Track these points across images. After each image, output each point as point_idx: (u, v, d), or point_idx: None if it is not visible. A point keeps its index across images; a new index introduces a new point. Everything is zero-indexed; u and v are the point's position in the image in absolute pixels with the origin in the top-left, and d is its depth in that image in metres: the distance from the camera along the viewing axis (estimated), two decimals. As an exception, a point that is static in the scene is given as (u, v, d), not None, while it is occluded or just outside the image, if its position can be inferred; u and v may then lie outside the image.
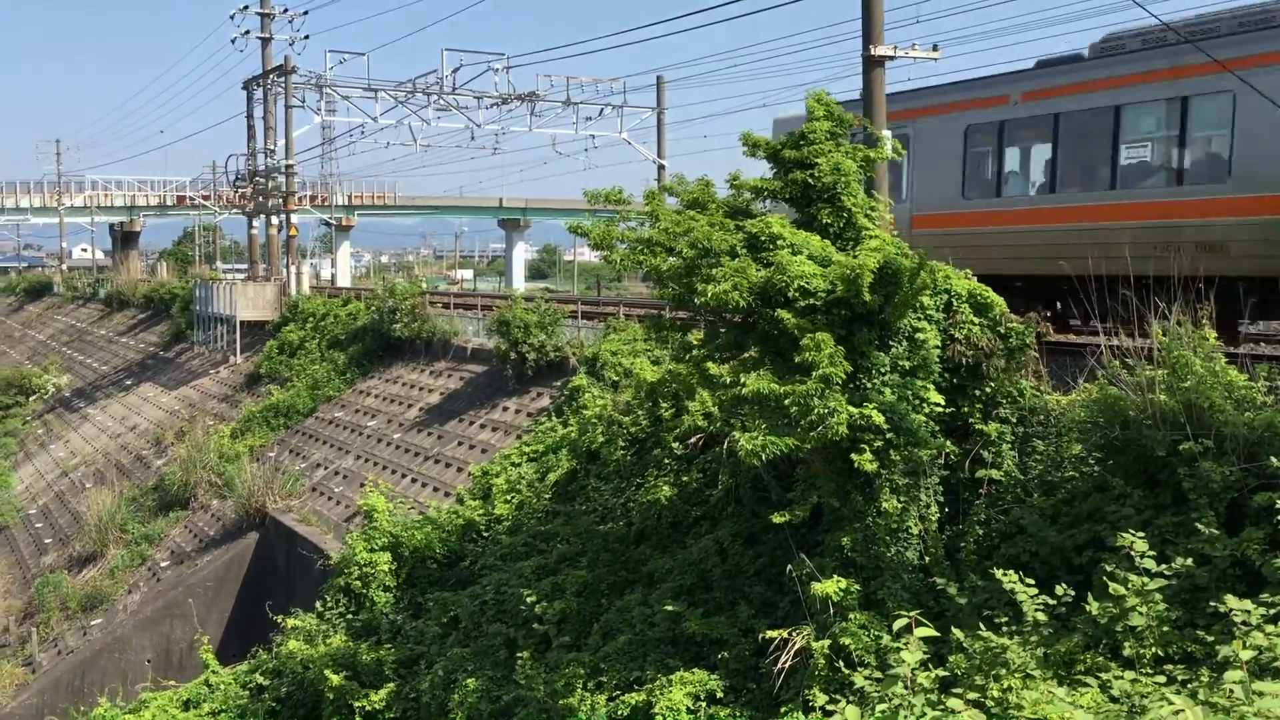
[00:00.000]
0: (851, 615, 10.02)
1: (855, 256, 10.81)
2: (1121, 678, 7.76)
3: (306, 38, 41.16)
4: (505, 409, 22.49)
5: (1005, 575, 8.83)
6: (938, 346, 11.20)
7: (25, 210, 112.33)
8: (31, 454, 41.28)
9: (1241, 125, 14.19)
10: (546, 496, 17.36)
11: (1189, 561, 8.67)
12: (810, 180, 11.80)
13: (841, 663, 9.63)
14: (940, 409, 10.95)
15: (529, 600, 13.71)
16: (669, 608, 12.09)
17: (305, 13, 40.81)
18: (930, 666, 8.23)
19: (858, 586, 10.32)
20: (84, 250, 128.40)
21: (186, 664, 21.02)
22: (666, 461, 15.42)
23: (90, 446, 37.70)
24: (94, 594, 24.46)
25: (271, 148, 40.76)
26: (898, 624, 7.77)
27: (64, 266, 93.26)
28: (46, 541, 30.55)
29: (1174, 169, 15.36)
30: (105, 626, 22.86)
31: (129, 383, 43.86)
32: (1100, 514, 9.96)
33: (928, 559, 10.92)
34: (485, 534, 17.20)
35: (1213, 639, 7.97)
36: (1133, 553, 8.59)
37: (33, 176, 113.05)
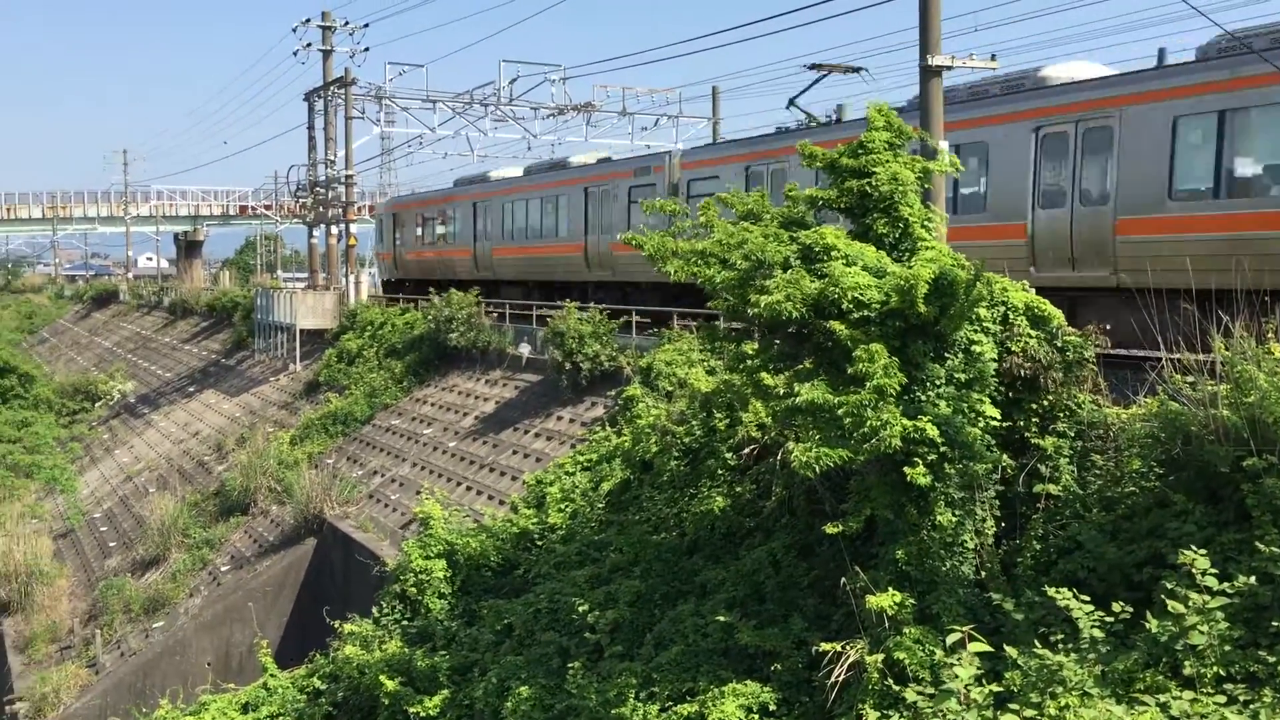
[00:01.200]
0: (906, 629, 9.96)
1: (910, 267, 10.76)
2: (1181, 698, 7.66)
3: (366, 50, 41.82)
4: (559, 418, 22.60)
5: (1059, 592, 8.73)
6: (994, 359, 11.11)
7: (93, 220, 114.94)
8: (97, 459, 42.13)
9: None
10: (600, 506, 17.42)
11: (1251, 580, 8.52)
12: (867, 190, 11.77)
13: (894, 678, 9.57)
14: (996, 422, 10.85)
15: (581, 609, 13.75)
16: (722, 619, 12.08)
17: (366, 25, 41.49)
18: (985, 682, 8.17)
19: (912, 600, 10.25)
20: (149, 259, 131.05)
21: (246, 667, 21.33)
22: (720, 472, 15.41)
23: (154, 452, 38.42)
24: (156, 597, 24.89)
25: (332, 158, 41.36)
26: (951, 638, 7.72)
27: (130, 275, 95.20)
28: (111, 545, 31.15)
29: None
30: (167, 629, 23.26)
31: (192, 389, 44.66)
32: (1161, 530, 9.81)
33: (983, 574, 10.81)
34: (539, 542, 17.29)
35: (1275, 659, 7.83)
36: (1194, 570, 8.46)
37: (100, 187, 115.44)
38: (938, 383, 10.78)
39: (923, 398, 10.66)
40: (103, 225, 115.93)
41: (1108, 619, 8.62)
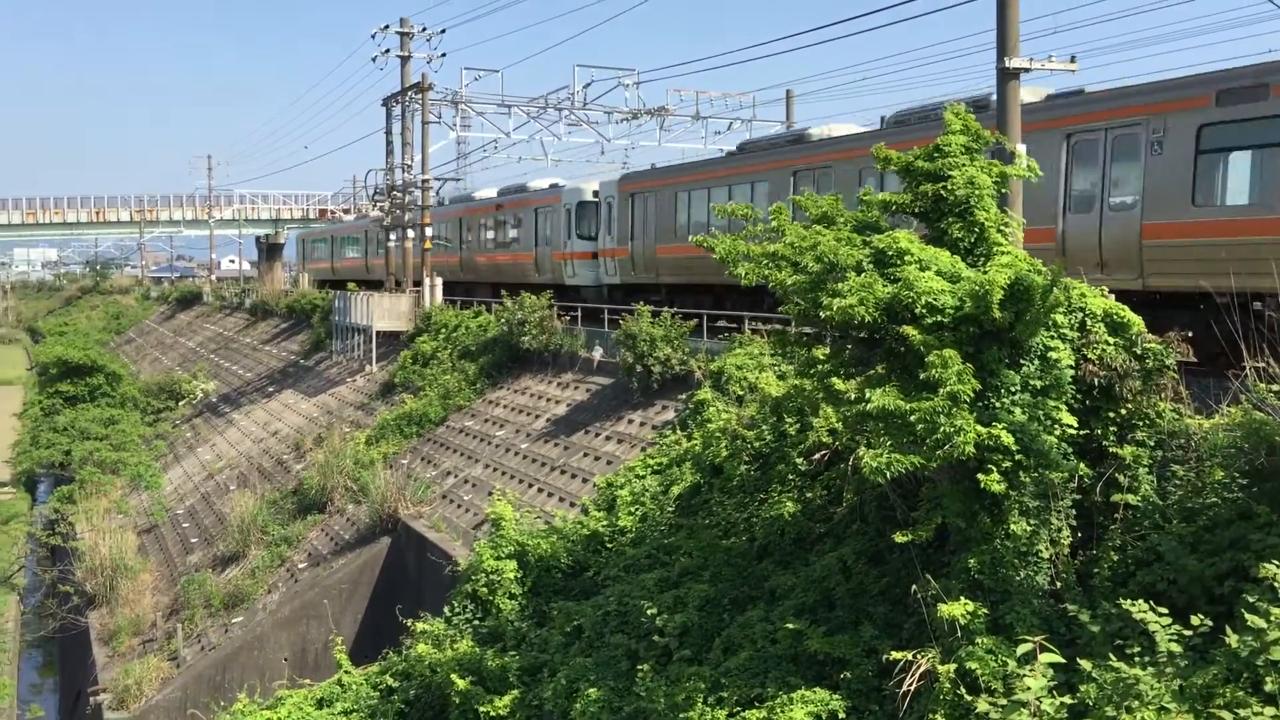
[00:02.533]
0: (978, 639, 9.83)
1: (985, 272, 10.63)
2: (1262, 714, 7.48)
3: (443, 56, 42.30)
4: (630, 421, 22.67)
5: (1137, 605, 8.56)
6: (1071, 366, 10.93)
7: (178, 223, 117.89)
8: (180, 456, 43.14)
9: None
10: (670, 509, 17.44)
11: (1338, 594, 8.28)
12: (942, 193, 11.66)
13: (966, 688, 9.46)
14: (1073, 431, 10.68)
15: (650, 612, 13.79)
16: (791, 625, 12.03)
17: (443, 31, 42.08)
18: (1058, 695, 8.04)
19: (985, 610, 10.11)
20: (231, 261, 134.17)
21: (321, 663, 21.69)
22: (790, 477, 15.35)
23: (234, 450, 39.25)
24: (235, 593, 25.40)
25: (409, 162, 41.92)
26: (1024, 649, 7.62)
27: (213, 277, 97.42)
28: (193, 541, 31.88)
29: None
30: (245, 624, 23.74)
31: (271, 389, 45.56)
32: (1243, 542, 9.57)
33: (1059, 584, 10.64)
34: (609, 545, 17.36)
35: (1363, 677, 7.60)
36: (1276, 584, 8.25)
37: (185, 191, 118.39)
38: (1013, 389, 10.64)
39: (997, 404, 10.53)
40: (187, 228, 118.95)
41: (1186, 632, 8.44)
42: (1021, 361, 10.80)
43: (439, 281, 40.18)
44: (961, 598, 10.12)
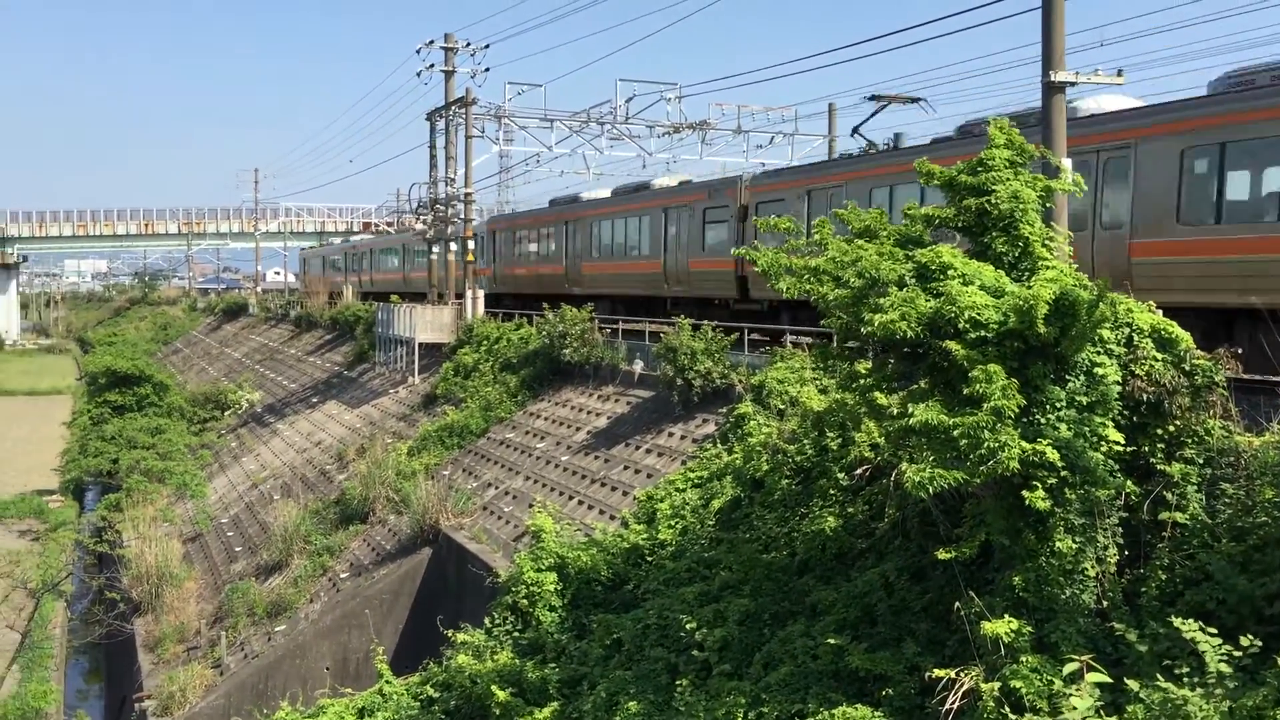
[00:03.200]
0: (1023, 657, 9.73)
1: (1030, 287, 10.55)
2: (1315, 737, 7.33)
3: (487, 70, 42.60)
4: (670, 434, 22.66)
5: (1185, 624, 8.44)
6: (1117, 382, 10.81)
7: (225, 235, 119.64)
8: (225, 466, 43.63)
9: None
10: (710, 523, 17.40)
11: (1393, 617, 8.12)
12: (986, 207, 11.59)
13: (1011, 707, 9.36)
14: (1120, 447, 10.55)
15: (690, 627, 13.76)
16: (832, 641, 11.96)
17: (487, 46, 42.26)
18: (1104, 714, 7.94)
19: (1029, 628, 10.01)
20: (277, 273, 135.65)
21: (362, 673, 21.81)
22: (832, 492, 15.28)
23: (278, 460, 39.64)
24: (278, 601, 25.61)
25: (452, 176, 42.23)
26: (1070, 668, 7.53)
27: (258, 289, 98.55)
28: (237, 549, 32.20)
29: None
30: (288, 633, 23.93)
31: (315, 400, 45.99)
32: (1294, 562, 9.42)
33: (1105, 603, 10.51)
34: (649, 558, 17.36)
35: None
36: (1329, 605, 8.10)
37: (232, 204, 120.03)
38: (1058, 405, 10.54)
39: (1042, 420, 10.43)
40: (234, 240, 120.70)
41: (1236, 653, 8.30)
42: (1067, 377, 10.70)
43: (480, 294, 40.43)
44: (1006, 615, 10.03)
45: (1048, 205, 12.28)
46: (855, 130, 26.68)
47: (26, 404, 74.92)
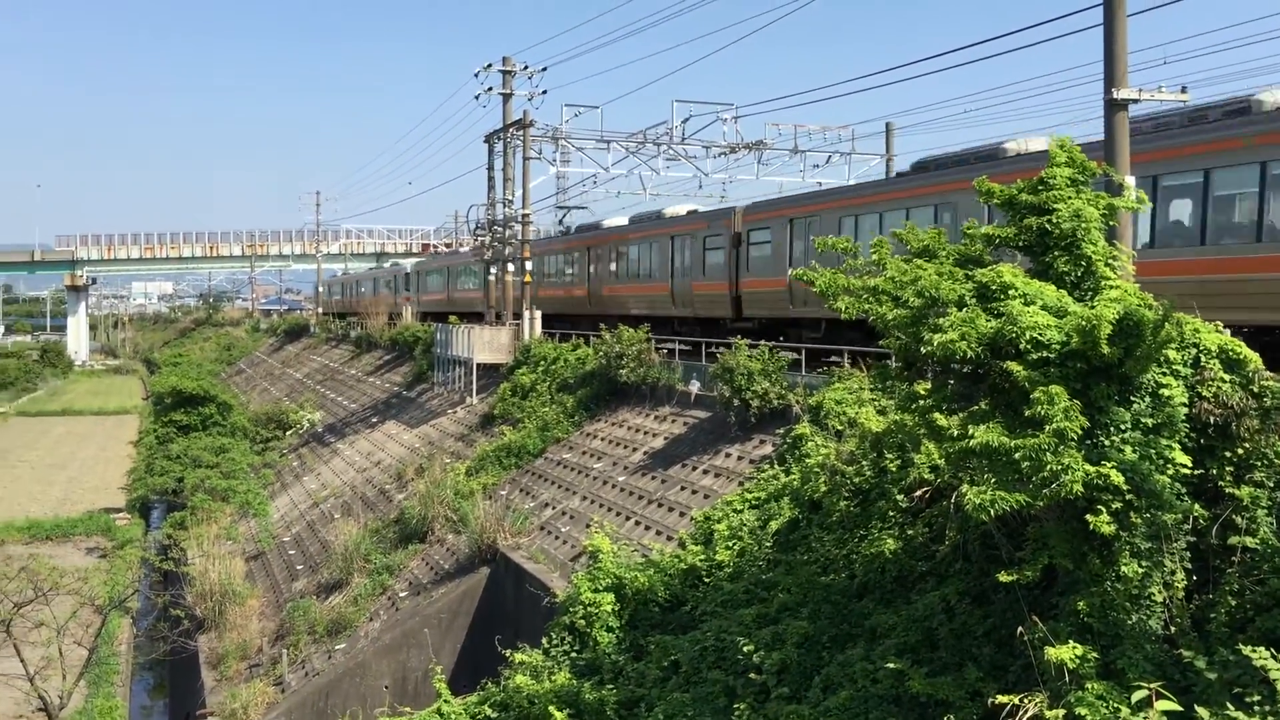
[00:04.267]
0: (1088, 684, 9.55)
1: (1093, 307, 10.41)
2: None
3: (544, 93, 42.96)
4: (727, 455, 22.60)
5: (1257, 651, 8.24)
6: (1184, 404, 10.60)
7: (287, 257, 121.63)
8: (287, 485, 44.20)
9: None
10: (768, 545, 17.32)
11: None
12: (1047, 226, 11.46)
13: (1075, 734, 9.19)
14: (1187, 470, 10.34)
15: (748, 649, 13.68)
16: (893, 665, 11.84)
17: (544, 69, 42.66)
18: (1173, 744, 7.77)
19: (1095, 654, 9.82)
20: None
21: (421, 692, 21.94)
22: (891, 514, 15.14)
23: (339, 479, 40.08)
24: (339, 620, 25.86)
25: (509, 197, 42.58)
26: (1137, 696, 7.39)
27: (319, 310, 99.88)
28: (298, 568, 32.58)
29: None
30: (348, 651, 24.14)
31: (374, 420, 46.46)
32: (1370, 589, 9.17)
33: (1173, 629, 10.29)
34: (706, 579, 17.30)
35: None
36: None
37: (294, 226, 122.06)
38: (1123, 427, 10.36)
39: (1106, 442, 10.26)
40: (296, 262, 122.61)
41: (1310, 683, 8.09)
42: (1132, 399, 10.52)
43: (538, 314, 40.67)
44: (1070, 641, 9.86)
45: (1111, 224, 12.12)
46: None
47: (94, 423, 76.60)
